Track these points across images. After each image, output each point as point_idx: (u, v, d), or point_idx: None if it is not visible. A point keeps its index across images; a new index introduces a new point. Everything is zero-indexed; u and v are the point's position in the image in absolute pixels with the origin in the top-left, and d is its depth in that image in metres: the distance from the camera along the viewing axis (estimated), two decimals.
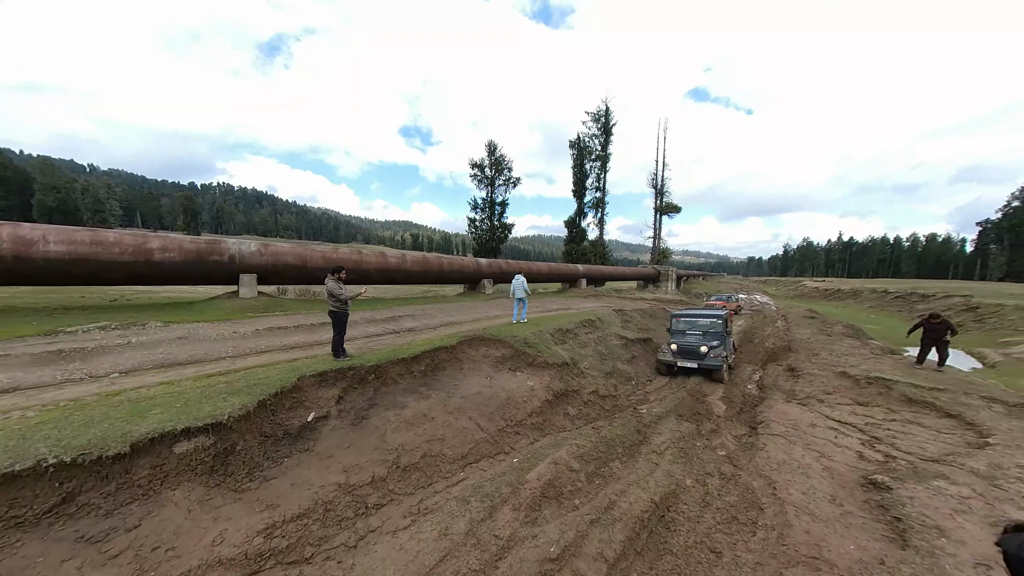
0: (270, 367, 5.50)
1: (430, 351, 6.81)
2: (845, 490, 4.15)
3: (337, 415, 4.95)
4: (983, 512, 3.54)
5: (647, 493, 3.96)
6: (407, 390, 5.91)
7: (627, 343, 11.27)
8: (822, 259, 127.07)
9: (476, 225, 36.86)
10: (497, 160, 36.04)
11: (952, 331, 8.37)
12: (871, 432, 5.87)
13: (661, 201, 39.96)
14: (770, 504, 3.84)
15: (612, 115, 37.36)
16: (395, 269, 14.48)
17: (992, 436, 5.19)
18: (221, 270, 9.91)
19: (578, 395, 7.37)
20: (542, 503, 3.69)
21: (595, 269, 27.72)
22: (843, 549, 3.06)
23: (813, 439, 5.62)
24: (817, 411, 6.77)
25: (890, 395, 7.15)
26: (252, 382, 4.66)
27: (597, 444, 5.01)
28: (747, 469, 4.70)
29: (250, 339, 7.35)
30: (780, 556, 3.10)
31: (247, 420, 4.01)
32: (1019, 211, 63.59)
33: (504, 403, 6.12)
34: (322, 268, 12.05)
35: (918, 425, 5.94)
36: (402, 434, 4.86)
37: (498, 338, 8.20)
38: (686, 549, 3.31)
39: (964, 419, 5.82)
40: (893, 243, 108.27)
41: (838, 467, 4.73)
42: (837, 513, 3.66)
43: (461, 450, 4.90)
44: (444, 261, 16.84)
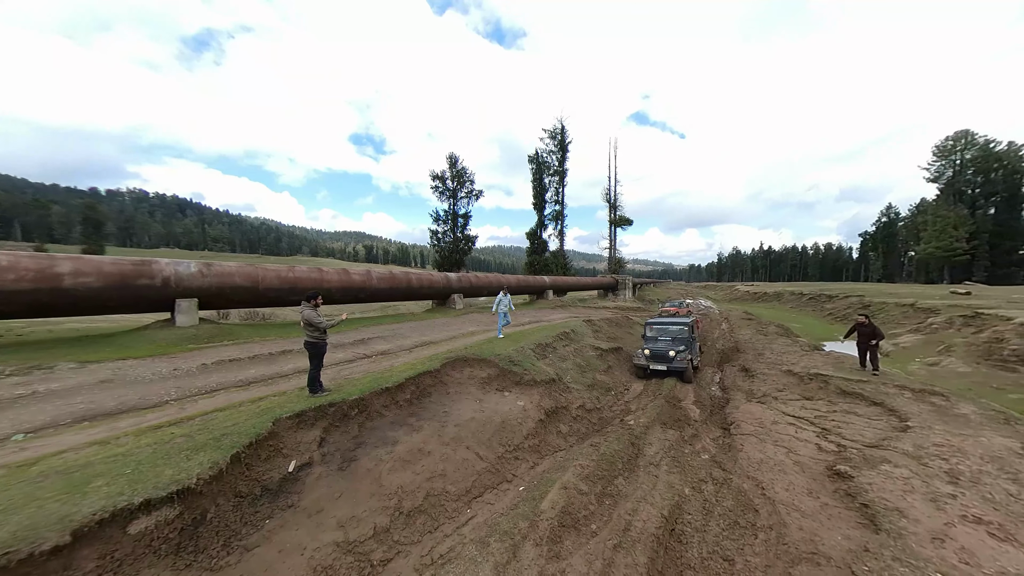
0: (233, 411, 4.77)
1: (414, 377, 6.44)
2: (816, 482, 4.67)
3: (321, 460, 4.43)
4: (923, 490, 4.21)
5: (656, 508, 4.09)
6: (395, 423, 5.50)
7: (602, 353, 11.70)
8: (748, 266, 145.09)
9: (439, 237, 36.20)
10: (459, 172, 36.00)
11: (878, 335, 8.92)
12: (820, 424, 6.71)
13: (615, 215, 42.76)
14: (763, 504, 4.18)
15: (567, 133, 39.56)
16: (360, 287, 13.60)
17: (910, 420, 6.22)
18: (152, 296, 8.49)
19: (567, 411, 7.44)
20: (562, 534, 3.62)
21: (560, 280, 28.61)
22: (833, 541, 3.43)
23: (779, 435, 6.26)
24: (775, 408, 7.58)
25: (828, 388, 8.26)
26: (218, 432, 4.00)
27: (599, 462, 5.07)
28: (734, 471, 5.09)
29: (196, 377, 6.35)
30: (784, 556, 3.38)
31: (219, 480, 3.42)
32: (887, 225, 78.67)
33: (499, 427, 5.96)
34: (277, 289, 10.91)
35: (854, 415, 6.93)
36: (399, 474, 4.48)
37: (482, 358, 8.02)
38: (702, 561, 3.46)
39: (887, 406, 6.92)
40: (801, 251, 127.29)
41: (805, 460, 5.32)
42: (817, 506, 4.10)
43: (464, 484, 4.65)
44: (412, 277, 16.22)
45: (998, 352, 11.51)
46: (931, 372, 11.89)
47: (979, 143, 54.92)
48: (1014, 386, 9.86)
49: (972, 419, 6.13)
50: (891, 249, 76.17)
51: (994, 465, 4.50)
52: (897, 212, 77.79)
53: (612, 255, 43.13)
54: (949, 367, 11.99)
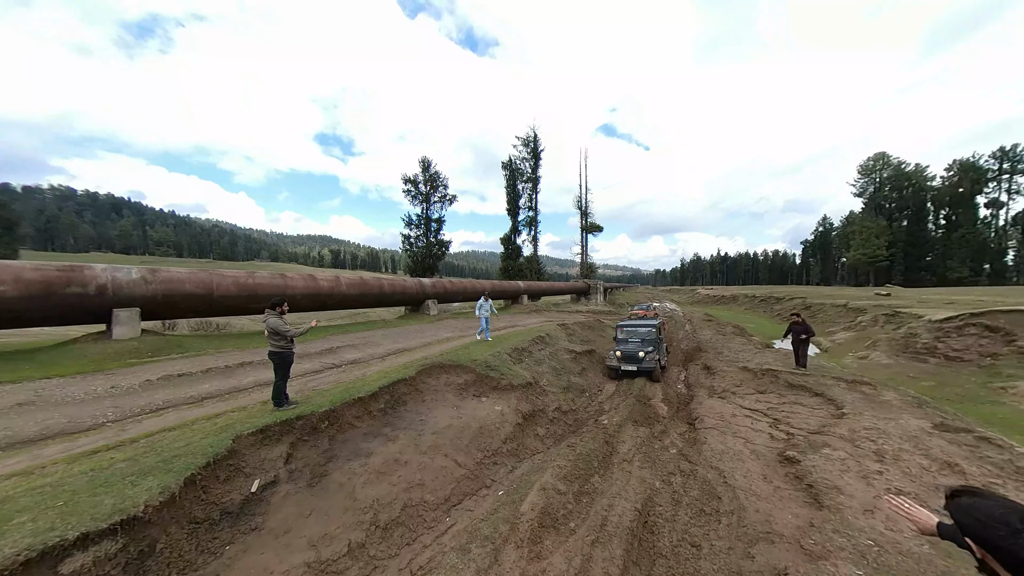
0: (185, 429, 4.38)
1: (388, 385, 6.26)
2: (770, 468, 5.10)
3: (289, 477, 4.18)
4: (856, 468, 4.74)
5: (630, 503, 4.27)
6: (370, 434, 5.31)
7: (576, 356, 11.99)
8: (708, 270, 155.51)
9: (411, 242, 35.44)
10: (432, 176, 35.59)
11: (808, 331, 9.76)
12: (772, 415, 7.34)
13: (586, 221, 44.22)
14: (724, 492, 4.50)
15: (540, 142, 40.52)
16: (328, 293, 12.99)
17: (845, 408, 6.98)
18: (84, 306, 7.58)
19: (544, 414, 7.55)
20: (542, 534, 3.67)
21: (534, 285, 29.00)
22: (785, 520, 3.78)
23: (737, 427, 6.77)
24: (734, 403, 8.18)
25: (778, 382, 9.05)
26: (168, 454, 3.65)
27: (575, 462, 5.20)
28: (699, 463, 5.43)
29: (139, 395, 5.75)
30: (743, 537, 3.66)
31: (171, 506, 3.12)
32: (823, 234, 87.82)
33: (477, 433, 5.93)
34: (234, 296, 10.15)
35: (800, 405, 7.65)
36: (375, 487, 4.32)
37: (458, 363, 7.95)
38: (672, 549, 3.66)
39: (826, 396, 7.71)
40: (753, 257, 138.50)
41: (760, 449, 5.79)
42: (771, 489, 4.49)
43: (443, 492, 4.57)
44: (384, 282, 15.74)
45: (913, 346, 13.21)
46: (861, 364, 13.38)
47: (893, 164, 63.21)
48: (925, 375, 11.35)
49: (894, 404, 7.00)
50: (827, 255, 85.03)
51: (911, 444, 5.17)
52: (831, 222, 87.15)
53: (584, 260, 44.46)
54: (875, 360, 13.57)
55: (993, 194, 55.96)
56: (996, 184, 55.28)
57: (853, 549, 3.20)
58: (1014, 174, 53.64)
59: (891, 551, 3.15)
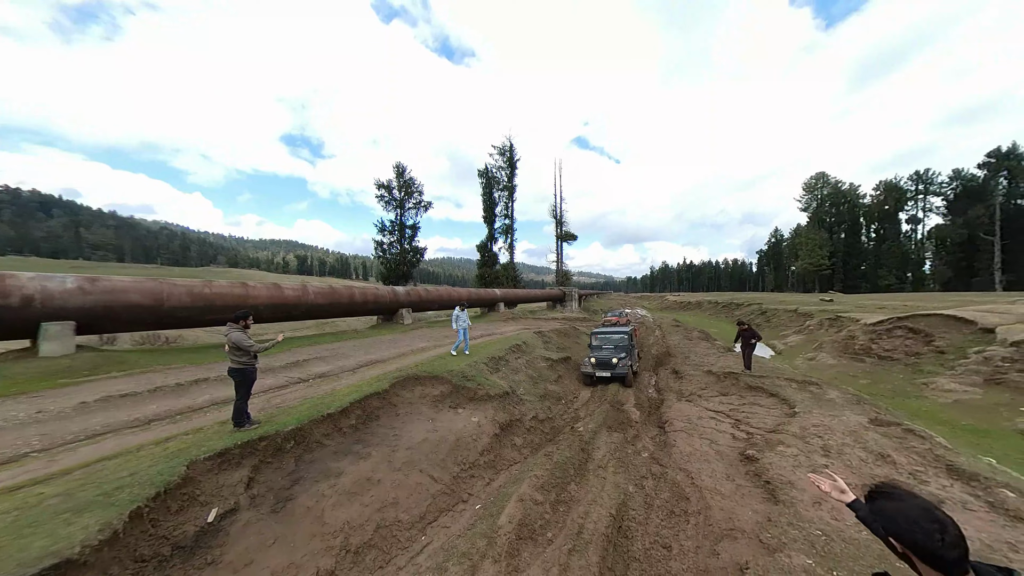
0: (129, 457, 3.99)
1: (359, 400, 6.04)
2: (733, 467, 5.44)
3: (250, 504, 3.91)
4: (806, 463, 5.17)
5: (605, 509, 4.38)
6: (339, 452, 5.08)
7: (552, 364, 12.16)
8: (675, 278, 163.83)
9: (384, 248, 34.58)
10: (407, 182, 35.12)
11: (756, 336, 10.48)
12: (734, 416, 7.83)
13: (561, 230, 45.27)
14: (692, 492, 4.74)
15: (516, 151, 41.25)
16: (294, 303, 12.34)
17: (796, 407, 7.59)
18: (5, 319, 6.71)
19: (521, 423, 7.57)
20: (520, 546, 3.67)
21: (511, 293, 29.14)
22: (746, 516, 4.04)
23: (703, 429, 7.15)
24: (700, 405, 8.64)
25: (739, 384, 9.68)
26: (109, 486, 3.31)
27: (552, 471, 5.26)
28: (669, 465, 5.68)
29: (72, 419, 5.16)
30: (710, 535, 3.88)
31: (113, 545, 2.83)
32: (775, 245, 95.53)
33: (454, 446, 5.84)
34: (187, 308, 9.41)
35: (758, 405, 8.23)
36: (345, 509, 4.13)
37: (434, 375, 7.82)
38: (645, 552, 3.80)
39: (780, 397, 8.35)
40: (715, 266, 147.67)
41: (723, 449, 6.15)
42: (733, 488, 4.78)
43: (418, 510, 4.45)
44: (356, 291, 15.19)
45: (852, 347, 14.63)
46: (810, 365, 14.61)
47: (831, 183, 70.37)
48: (863, 373, 12.59)
49: (837, 402, 7.71)
50: (779, 264, 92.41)
51: (851, 438, 5.72)
52: (782, 234, 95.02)
53: (559, 268, 45.35)
54: (822, 361, 14.87)
55: (912, 211, 63.77)
56: (914, 203, 63.07)
57: (804, 540, 3.49)
58: (927, 194, 61.52)
59: (836, 539, 3.47)
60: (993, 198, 48.80)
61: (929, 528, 1.17)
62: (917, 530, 1.18)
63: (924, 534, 1.16)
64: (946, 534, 1.15)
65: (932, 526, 1.17)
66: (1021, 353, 10.19)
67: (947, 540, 1.14)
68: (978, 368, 10.54)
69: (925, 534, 1.16)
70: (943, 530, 1.16)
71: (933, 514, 1.20)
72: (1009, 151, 49.98)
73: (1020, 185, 48.44)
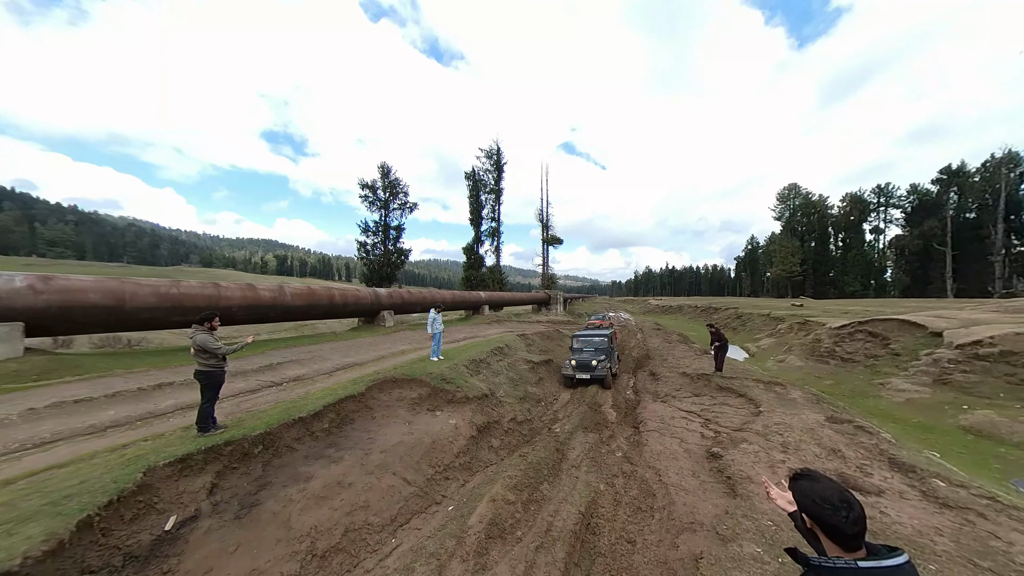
0: (81, 465, 3.81)
1: (334, 403, 5.96)
2: (699, 464, 5.67)
3: (212, 511, 3.81)
4: (766, 459, 5.45)
5: (575, 507, 4.49)
6: (311, 456, 5.00)
7: (533, 366, 12.27)
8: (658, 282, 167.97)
9: (368, 249, 34.01)
10: (392, 183, 34.74)
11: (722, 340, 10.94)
12: (704, 415, 8.14)
13: (547, 234, 45.76)
14: (659, 489, 4.91)
15: (503, 155, 41.53)
16: (270, 304, 12.00)
17: (762, 406, 7.98)
18: None
19: (499, 425, 7.62)
20: (488, 545, 3.72)
21: (496, 295, 29.18)
22: (707, 510, 4.23)
23: (674, 428, 7.41)
24: (673, 406, 8.93)
25: (711, 385, 10.06)
26: (57, 495, 3.16)
27: (526, 471, 5.33)
28: (639, 464, 5.86)
29: (17, 427, 4.89)
30: (672, 529, 4.04)
31: (59, 555, 2.71)
32: (751, 252, 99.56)
33: (429, 448, 5.83)
34: (153, 308, 9.02)
35: (727, 405, 8.58)
36: (313, 513, 4.08)
37: (412, 377, 7.78)
38: (611, 547, 3.92)
39: (748, 397, 8.74)
40: (695, 271, 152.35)
41: (692, 447, 6.40)
42: (697, 484, 4.99)
43: (389, 513, 4.43)
44: (335, 292, 14.90)
45: (818, 350, 15.42)
46: (780, 367, 15.30)
47: (803, 194, 74.09)
48: (827, 375, 13.30)
49: (799, 401, 8.14)
50: (755, 270, 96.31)
51: (808, 435, 6.07)
52: (758, 241, 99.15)
53: (545, 271, 45.75)
54: (791, 363, 15.60)
55: (875, 222, 67.93)
56: (876, 214, 67.20)
57: (756, 530, 3.69)
58: (888, 207, 65.71)
59: (784, 528, 3.70)
60: (945, 211, 52.65)
61: (838, 504, 1.30)
62: (827, 506, 1.32)
63: (832, 509, 1.30)
64: (851, 512, 1.28)
65: (841, 504, 1.30)
66: (964, 355, 11.03)
67: (851, 517, 1.27)
68: (927, 369, 11.33)
69: (833, 509, 1.30)
70: (849, 508, 1.29)
71: (843, 494, 1.34)
72: (959, 168, 54.16)
73: (969, 200, 52.49)
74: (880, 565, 1.21)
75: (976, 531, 3.59)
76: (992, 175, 48.77)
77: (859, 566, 1.21)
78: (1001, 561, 3.19)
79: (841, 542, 1.30)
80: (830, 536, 1.32)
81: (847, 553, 1.28)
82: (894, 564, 1.21)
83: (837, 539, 1.30)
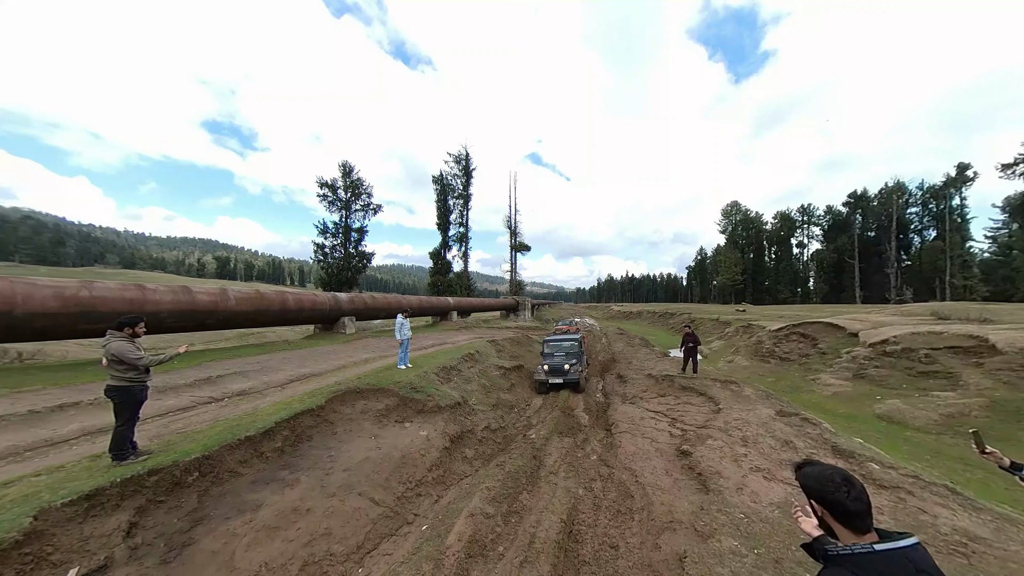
0: None
1: (288, 419, 5.33)
2: (671, 462, 5.85)
3: (129, 558, 3.14)
4: (730, 454, 5.76)
5: (556, 515, 4.36)
6: (260, 481, 4.38)
7: (505, 372, 12.09)
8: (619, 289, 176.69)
9: (326, 252, 31.87)
10: (354, 183, 33.05)
11: (697, 342, 11.79)
12: (671, 415, 8.50)
13: (515, 240, 46.14)
14: (636, 490, 4.96)
15: (472, 160, 41.42)
16: (208, 310, 10.63)
17: (721, 403, 8.51)
18: None
19: (473, 434, 7.32)
20: (469, 565, 3.45)
21: (464, 301, 28.64)
22: (683, 507, 4.33)
23: (645, 429, 7.62)
24: (642, 407, 9.23)
25: (674, 386, 10.57)
26: None
27: (504, 482, 5.12)
28: (615, 466, 5.90)
29: None
30: (652, 530, 4.07)
31: None
32: (700, 262, 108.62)
33: (399, 464, 5.40)
34: (55, 315, 7.56)
35: (690, 404, 9.05)
36: (263, 548, 3.52)
37: (378, 387, 7.24)
38: (594, 554, 3.84)
39: (708, 396, 9.29)
40: (652, 279, 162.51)
41: (662, 446, 6.61)
42: (672, 482, 5.13)
43: (355, 539, 3.97)
44: (289, 297, 13.61)
45: (760, 351, 16.97)
46: (731, 367, 16.59)
47: (743, 210, 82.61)
48: (770, 373, 14.62)
49: (752, 398, 8.80)
50: (704, 279, 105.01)
51: (763, 429, 6.54)
52: (706, 253, 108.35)
53: (513, 278, 45.94)
54: (739, 363, 16.98)
55: (800, 237, 77.59)
56: (801, 230, 76.84)
57: (731, 524, 3.83)
58: (810, 224, 75.52)
59: (756, 520, 3.88)
60: (853, 230, 61.58)
61: (839, 482, 1.35)
62: (829, 484, 1.36)
63: (834, 486, 1.35)
64: (852, 488, 1.33)
65: (840, 481, 1.36)
66: (876, 352, 12.73)
67: (852, 494, 1.32)
68: (848, 365, 12.91)
69: (835, 486, 1.35)
70: (850, 485, 1.34)
71: (844, 473, 1.41)
72: (862, 194, 63.91)
73: (870, 221, 62.02)
74: (896, 546, 1.23)
75: (908, 507, 4.04)
76: (886, 200, 58.13)
77: (875, 549, 1.23)
78: (931, 533, 3.60)
79: (848, 522, 1.32)
80: (838, 517, 1.35)
81: (859, 536, 1.30)
82: (908, 544, 1.24)
83: (844, 519, 1.33)
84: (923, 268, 51.63)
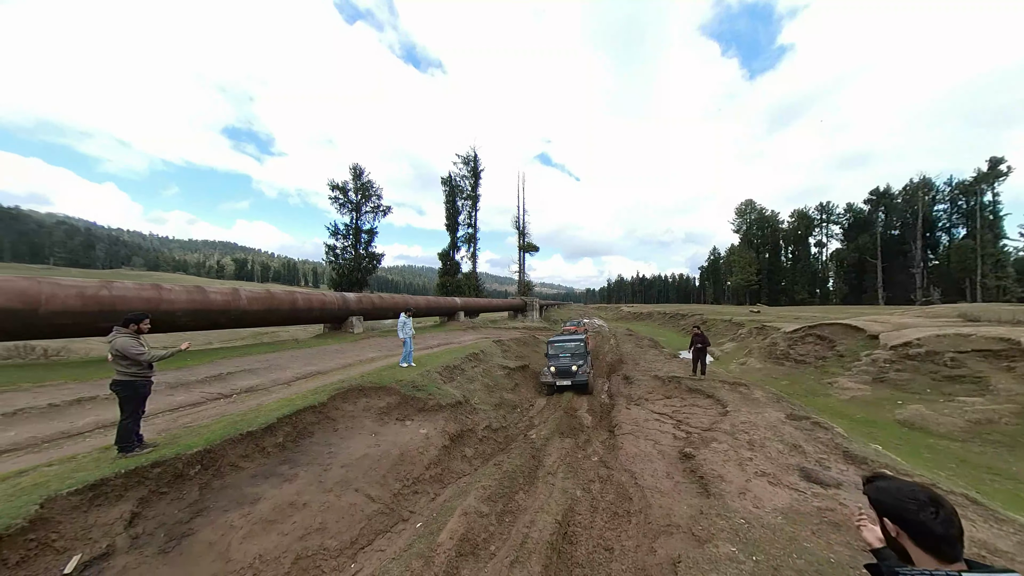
0: None
1: (291, 415, 5.43)
2: (672, 465, 5.70)
3: (130, 546, 3.24)
4: (735, 457, 5.58)
5: (551, 516, 4.30)
6: (260, 475, 4.47)
7: (509, 372, 12.04)
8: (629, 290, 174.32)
9: (337, 253, 32.50)
10: (364, 185, 33.61)
11: (707, 343, 11.61)
12: (676, 417, 8.30)
13: (523, 241, 46.08)
14: (635, 492, 4.85)
15: (480, 161, 41.57)
16: (221, 309, 10.95)
17: (728, 406, 8.26)
18: None
19: (473, 433, 7.31)
20: (459, 564, 3.43)
21: (471, 302, 28.74)
22: (682, 511, 4.21)
23: (648, 431, 7.46)
24: (647, 408, 9.05)
25: (681, 388, 10.34)
26: None
27: (501, 481, 5.09)
28: (615, 467, 5.79)
29: None
30: (649, 533, 3.96)
31: None
32: (713, 262, 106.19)
33: (397, 461, 5.43)
34: (77, 313, 7.92)
35: (697, 406, 8.82)
36: (259, 540, 3.59)
37: (381, 385, 7.32)
38: (588, 556, 3.77)
39: (715, 398, 9.04)
40: (663, 280, 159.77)
41: (665, 448, 6.45)
42: (672, 485, 4.99)
43: (349, 534, 4.01)
44: (299, 297, 13.92)
45: (775, 352, 16.45)
46: (742, 369, 16.13)
47: (758, 209, 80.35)
48: (783, 375, 14.16)
49: (761, 400, 8.52)
50: (717, 279, 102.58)
51: (772, 432, 6.31)
52: (719, 252, 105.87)
53: (521, 278, 45.88)
54: (751, 365, 16.50)
55: (818, 237, 74.92)
56: (819, 229, 74.21)
57: (730, 529, 3.70)
58: (829, 223, 72.86)
59: (756, 526, 3.74)
60: (875, 228, 59.12)
61: (923, 501, 1.12)
62: (911, 503, 1.13)
63: (917, 506, 1.12)
64: (941, 508, 1.10)
65: (926, 501, 1.12)
66: (897, 355, 12.17)
67: (941, 515, 1.09)
68: (867, 369, 12.38)
69: (918, 506, 1.12)
70: (938, 506, 1.11)
71: (929, 492, 1.16)
72: (885, 191, 61.25)
73: (893, 219, 59.36)
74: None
75: None
76: (912, 197, 55.59)
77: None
78: None
79: (933, 547, 1.09)
80: (919, 541, 1.11)
81: (944, 564, 1.08)
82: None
83: (928, 543, 1.10)
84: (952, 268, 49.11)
